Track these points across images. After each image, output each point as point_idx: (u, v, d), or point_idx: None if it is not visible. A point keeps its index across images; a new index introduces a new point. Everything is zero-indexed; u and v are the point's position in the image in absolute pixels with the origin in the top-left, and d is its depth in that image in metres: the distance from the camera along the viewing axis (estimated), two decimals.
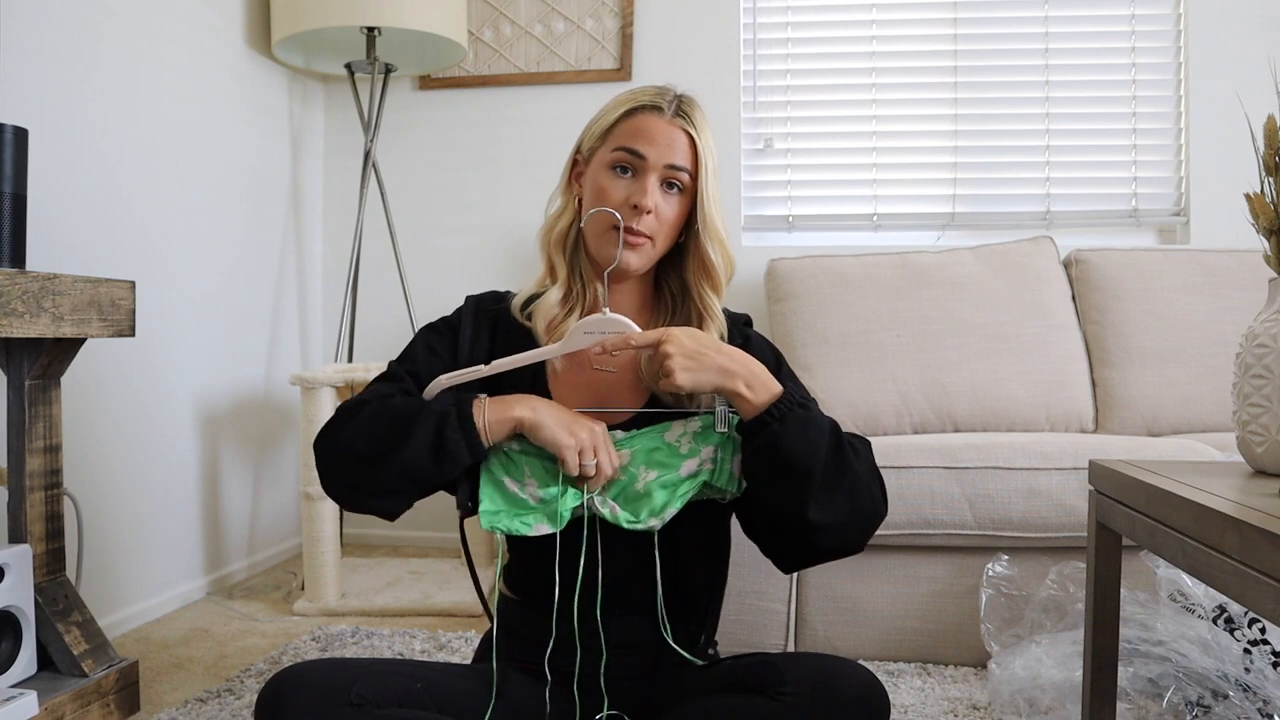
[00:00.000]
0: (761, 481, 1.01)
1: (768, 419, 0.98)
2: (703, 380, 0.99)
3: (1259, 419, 1.01)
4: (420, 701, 0.96)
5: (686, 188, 1.10)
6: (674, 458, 1.03)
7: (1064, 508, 1.73)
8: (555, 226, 1.15)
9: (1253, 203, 1.05)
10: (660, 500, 1.00)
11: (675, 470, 1.02)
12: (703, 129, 1.10)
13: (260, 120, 2.66)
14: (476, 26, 2.87)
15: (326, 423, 1.06)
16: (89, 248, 1.95)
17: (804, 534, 1.01)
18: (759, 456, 0.99)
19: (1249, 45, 2.60)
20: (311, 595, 2.21)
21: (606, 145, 1.10)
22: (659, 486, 1.01)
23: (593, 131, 1.13)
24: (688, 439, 1.04)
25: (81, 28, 1.94)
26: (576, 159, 1.16)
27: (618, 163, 1.08)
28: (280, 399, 2.73)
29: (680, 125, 1.08)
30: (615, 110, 1.11)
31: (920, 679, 1.73)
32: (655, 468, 1.03)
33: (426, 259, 2.88)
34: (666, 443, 1.05)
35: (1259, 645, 1.39)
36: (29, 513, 1.50)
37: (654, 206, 1.07)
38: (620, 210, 1.07)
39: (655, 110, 1.09)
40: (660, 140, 1.07)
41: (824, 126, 2.84)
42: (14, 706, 1.32)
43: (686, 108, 1.10)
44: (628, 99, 1.11)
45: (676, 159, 1.08)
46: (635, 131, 1.08)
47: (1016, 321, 2.29)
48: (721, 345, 1.03)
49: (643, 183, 1.07)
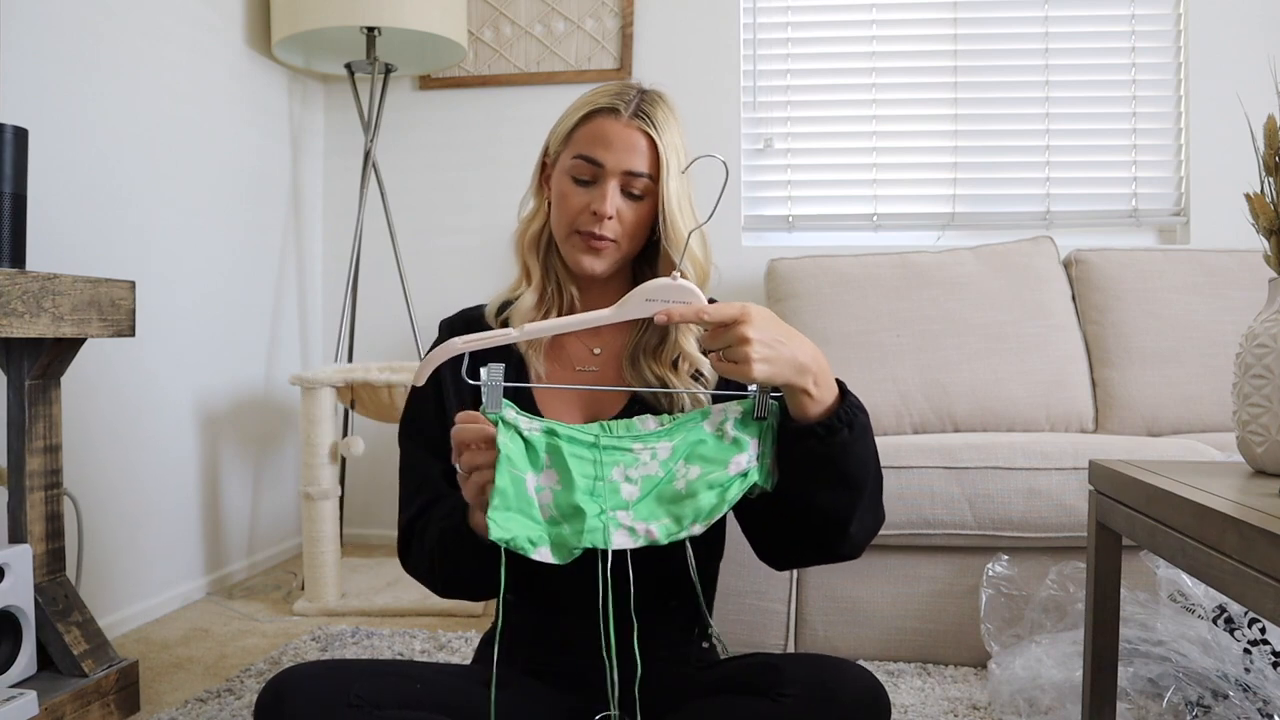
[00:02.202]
0: (813, 487, 0.94)
1: (837, 424, 0.91)
2: (777, 374, 0.87)
3: (1259, 419, 1.01)
4: (420, 702, 0.96)
5: (648, 190, 1.06)
6: (721, 451, 0.90)
7: (1064, 508, 1.73)
8: (528, 230, 1.14)
9: (1253, 203, 1.05)
10: (708, 503, 0.88)
11: (723, 467, 0.90)
12: (665, 127, 1.05)
13: (260, 120, 2.66)
14: (476, 26, 2.87)
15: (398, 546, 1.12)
16: (89, 248, 1.95)
17: (835, 543, 0.99)
18: (817, 462, 0.92)
19: (1249, 45, 2.60)
20: (311, 595, 2.21)
21: (568, 150, 1.08)
22: (705, 486, 0.89)
23: (556, 134, 1.11)
24: (730, 425, 0.91)
25: (81, 28, 1.94)
26: (545, 160, 1.15)
27: (575, 172, 1.06)
28: (280, 399, 2.73)
29: (638, 126, 1.04)
30: (575, 114, 1.08)
31: (920, 679, 1.73)
32: (698, 462, 0.89)
33: (426, 259, 2.88)
34: (710, 433, 0.91)
35: (1259, 645, 1.39)
36: (29, 513, 1.50)
37: (614, 212, 1.05)
38: (581, 217, 1.06)
39: (612, 113, 1.05)
40: (617, 145, 1.04)
41: (824, 126, 2.84)
42: (14, 706, 1.32)
43: (647, 107, 1.05)
44: (587, 101, 1.08)
45: (634, 164, 1.04)
46: (592, 137, 1.05)
47: (1016, 321, 2.29)
48: (793, 331, 0.91)
49: (602, 189, 1.05)
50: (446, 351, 0.89)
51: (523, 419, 0.87)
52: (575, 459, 0.87)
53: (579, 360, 1.13)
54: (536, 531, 0.87)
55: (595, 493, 0.86)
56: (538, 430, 0.87)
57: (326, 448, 2.21)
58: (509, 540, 0.85)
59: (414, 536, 1.08)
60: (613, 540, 0.86)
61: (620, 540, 0.86)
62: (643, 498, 0.88)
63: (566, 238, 1.08)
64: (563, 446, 0.87)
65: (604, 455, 0.87)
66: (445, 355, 0.89)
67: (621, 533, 0.86)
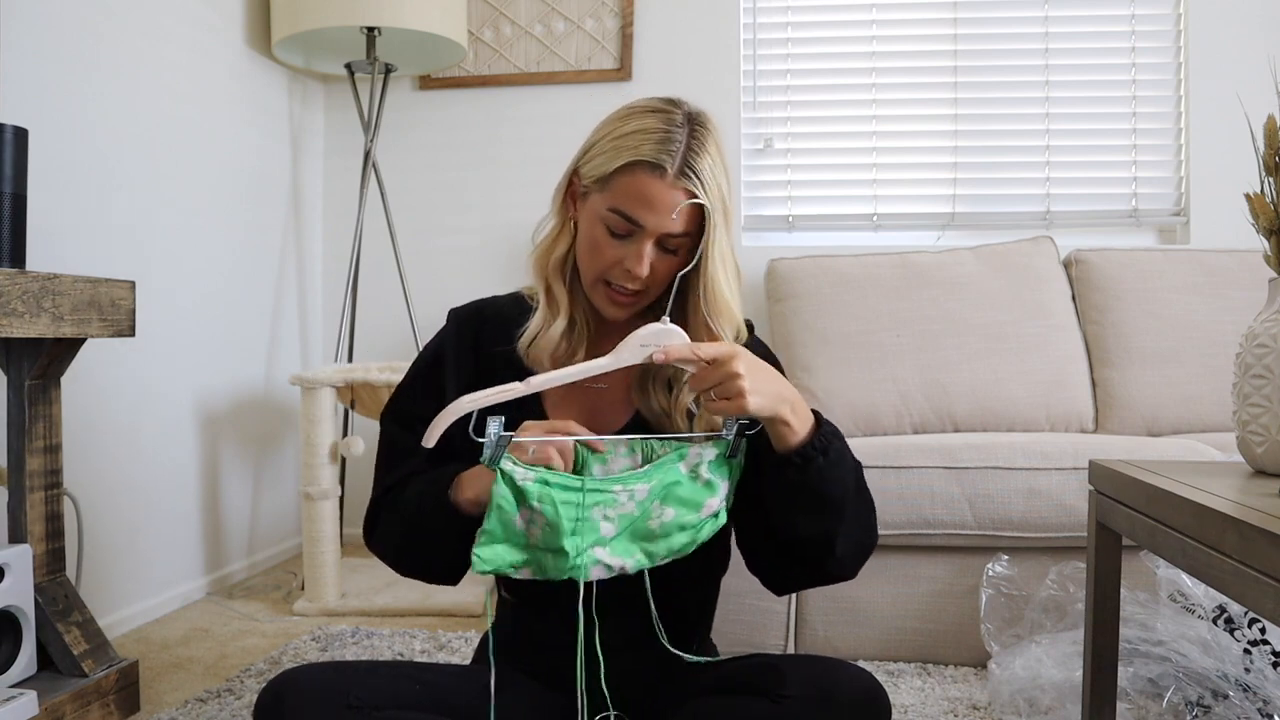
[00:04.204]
0: (793, 513, 0.97)
1: (812, 452, 0.93)
2: (765, 406, 0.90)
3: (1259, 419, 1.01)
4: (419, 703, 0.96)
5: (683, 246, 1.02)
6: (695, 493, 0.94)
7: (1064, 508, 1.73)
8: (552, 253, 1.08)
9: (1253, 203, 1.05)
10: (679, 543, 0.95)
11: (697, 510, 0.95)
12: (711, 181, 0.99)
13: (260, 120, 2.66)
14: (476, 26, 2.87)
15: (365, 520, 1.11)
16: (89, 248, 1.95)
17: (824, 565, 1.00)
18: (795, 489, 0.95)
19: (1249, 45, 2.60)
20: (311, 595, 2.21)
21: (603, 196, 1.01)
22: (678, 528, 0.94)
23: (591, 168, 1.03)
24: (704, 468, 0.95)
25: (81, 28, 1.94)
26: (572, 181, 1.07)
27: (611, 224, 1.00)
28: (280, 399, 2.73)
29: (683, 187, 0.97)
30: (615, 157, 1.00)
31: (920, 679, 1.73)
32: (674, 504, 0.94)
33: (426, 259, 2.88)
34: (685, 475, 0.95)
35: (1259, 645, 1.39)
36: (29, 513, 1.50)
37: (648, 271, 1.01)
38: (613, 270, 1.02)
39: (657, 170, 0.97)
40: (660, 207, 0.98)
41: (824, 126, 2.84)
42: (14, 706, 1.32)
43: (693, 160, 0.98)
44: (629, 145, 0.99)
45: (675, 227, 0.99)
46: (633, 195, 0.98)
47: (1016, 321, 2.29)
48: (768, 366, 0.94)
49: (638, 248, 1.00)
50: (454, 412, 0.90)
51: (518, 470, 0.91)
52: (563, 504, 0.91)
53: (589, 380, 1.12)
54: (521, 557, 0.93)
55: (576, 531, 0.91)
56: (531, 480, 0.91)
57: (326, 448, 2.21)
58: (493, 569, 0.92)
59: (385, 506, 1.08)
60: (590, 574, 0.92)
61: (596, 573, 0.93)
62: (619, 534, 0.94)
63: (593, 284, 1.05)
64: (554, 495, 0.91)
65: (587, 498, 0.92)
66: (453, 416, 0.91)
67: (598, 567, 0.93)
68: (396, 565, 1.08)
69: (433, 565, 1.05)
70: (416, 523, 1.01)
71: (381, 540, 1.09)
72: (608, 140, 1.02)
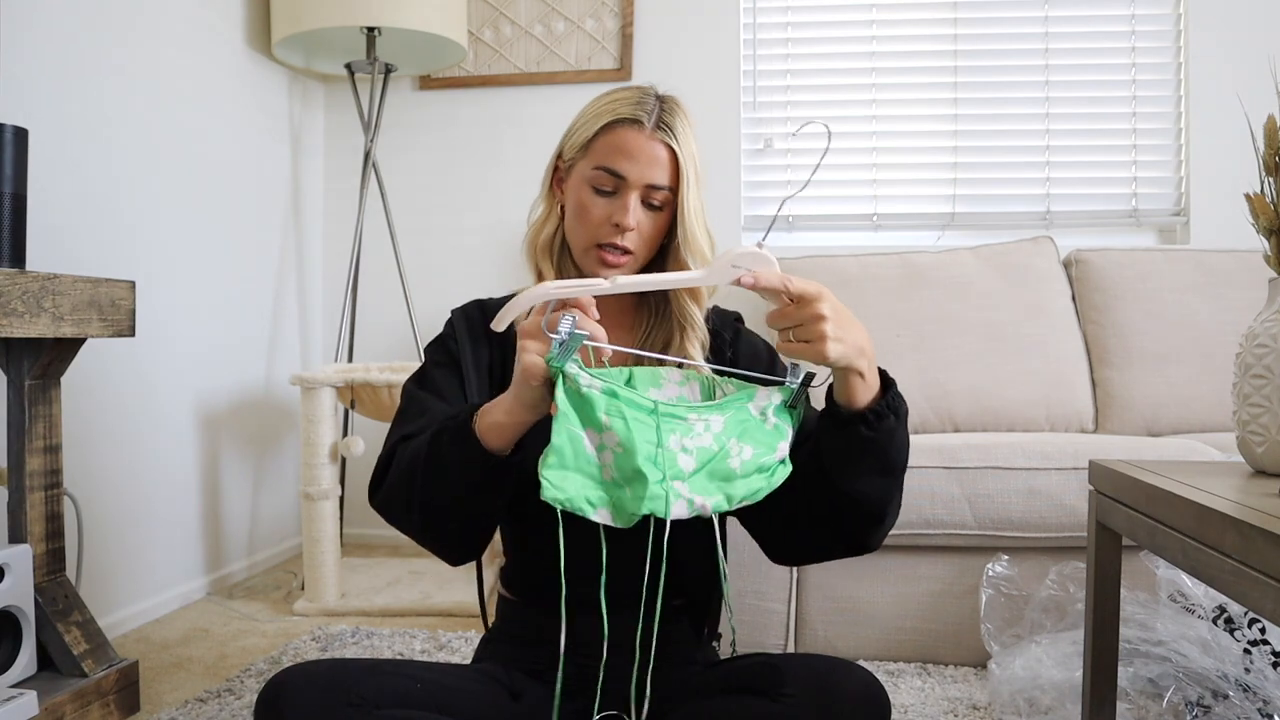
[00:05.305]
0: (855, 475, 0.93)
1: (885, 410, 0.90)
2: (845, 355, 0.86)
3: (1259, 419, 1.01)
4: (420, 702, 0.96)
5: (666, 201, 1.07)
6: (766, 435, 0.88)
7: (1064, 508, 1.73)
8: (540, 235, 1.13)
9: (1253, 203, 1.05)
10: (756, 485, 0.87)
11: (772, 451, 0.88)
12: (684, 138, 1.05)
13: (260, 120, 2.66)
14: (476, 26, 2.87)
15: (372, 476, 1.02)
16: (89, 248, 1.95)
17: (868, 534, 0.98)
18: (864, 448, 0.91)
19: (1249, 45, 2.60)
20: (311, 595, 2.21)
21: (586, 160, 1.07)
22: (756, 469, 0.87)
23: (573, 141, 1.09)
24: (772, 413, 0.89)
25: (81, 28, 1.94)
26: (558, 164, 1.14)
27: (596, 182, 1.05)
28: (280, 399, 2.73)
29: (661, 139, 1.04)
30: (595, 121, 1.07)
31: (920, 679, 1.73)
32: (750, 442, 0.87)
33: (426, 259, 2.88)
34: (754, 416, 0.88)
35: (1259, 645, 1.39)
36: (29, 513, 1.50)
37: (636, 224, 1.05)
38: (602, 228, 1.05)
39: (635, 124, 1.04)
40: (640, 157, 1.04)
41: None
42: (14, 706, 1.32)
43: (668, 118, 1.05)
44: (607, 109, 1.06)
45: (656, 177, 1.04)
46: (614, 148, 1.04)
47: (1016, 321, 2.29)
48: (851, 314, 0.89)
49: (624, 200, 1.04)
50: (534, 297, 0.85)
51: (583, 375, 0.83)
52: (636, 423, 0.83)
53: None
54: (596, 492, 0.84)
55: (656, 460, 0.83)
56: (597, 389, 0.82)
57: (326, 448, 2.21)
58: (564, 501, 0.82)
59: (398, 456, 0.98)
60: (672, 510, 0.82)
61: (678, 510, 0.83)
62: (698, 470, 0.85)
63: (585, 251, 1.07)
64: (625, 409, 0.83)
65: (661, 422, 0.84)
66: (531, 301, 0.85)
67: (680, 503, 0.83)
68: (405, 519, 0.99)
69: (448, 520, 0.96)
70: (433, 458, 0.92)
71: (390, 492, 0.99)
72: (586, 115, 1.09)
